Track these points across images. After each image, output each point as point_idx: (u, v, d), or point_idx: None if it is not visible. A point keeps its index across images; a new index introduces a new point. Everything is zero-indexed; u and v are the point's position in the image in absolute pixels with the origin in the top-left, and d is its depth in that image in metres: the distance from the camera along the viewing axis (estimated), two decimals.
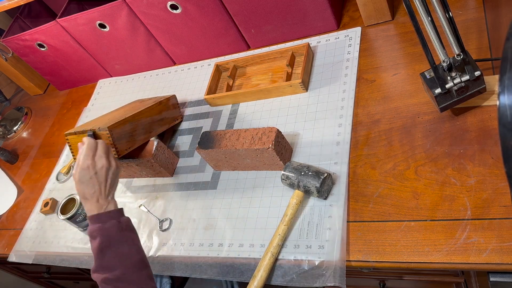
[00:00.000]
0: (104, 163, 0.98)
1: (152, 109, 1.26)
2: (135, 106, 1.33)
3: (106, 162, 0.99)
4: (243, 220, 1.09)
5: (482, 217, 0.85)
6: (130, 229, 0.96)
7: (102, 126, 1.11)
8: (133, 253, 0.93)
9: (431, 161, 0.96)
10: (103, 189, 0.97)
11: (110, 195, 0.98)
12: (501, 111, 0.54)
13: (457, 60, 0.91)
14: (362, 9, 1.24)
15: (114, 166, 1.01)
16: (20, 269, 1.79)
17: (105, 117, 1.27)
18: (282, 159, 1.08)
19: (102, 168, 0.98)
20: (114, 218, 0.95)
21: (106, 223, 0.94)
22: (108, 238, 0.92)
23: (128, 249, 0.93)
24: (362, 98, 1.14)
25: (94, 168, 0.97)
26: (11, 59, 1.78)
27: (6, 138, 1.84)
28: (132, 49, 1.56)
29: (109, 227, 0.93)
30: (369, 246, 0.92)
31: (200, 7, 1.32)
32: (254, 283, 0.96)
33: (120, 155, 1.14)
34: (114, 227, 0.94)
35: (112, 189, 0.99)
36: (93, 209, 0.96)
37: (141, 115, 1.22)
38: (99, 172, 0.97)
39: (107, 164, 0.99)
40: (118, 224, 0.95)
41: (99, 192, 0.96)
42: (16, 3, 1.42)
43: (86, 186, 0.96)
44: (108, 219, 0.94)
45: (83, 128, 1.17)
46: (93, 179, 0.96)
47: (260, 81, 1.34)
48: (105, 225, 0.93)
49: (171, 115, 1.33)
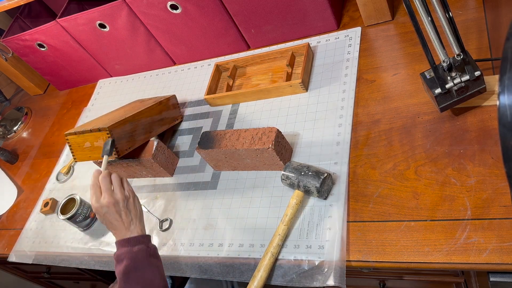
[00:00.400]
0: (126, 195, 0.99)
1: (152, 109, 1.26)
2: (135, 106, 1.33)
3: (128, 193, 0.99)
4: (243, 220, 1.09)
5: (482, 217, 0.85)
6: (156, 257, 0.97)
7: (102, 126, 1.11)
8: (157, 280, 0.93)
9: (431, 161, 0.96)
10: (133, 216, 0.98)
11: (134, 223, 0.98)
12: (501, 111, 0.54)
13: (457, 60, 0.91)
14: (362, 9, 1.24)
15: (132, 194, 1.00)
16: (20, 269, 1.79)
17: (105, 117, 1.27)
18: (282, 159, 1.08)
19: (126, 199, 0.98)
20: (143, 243, 0.96)
21: (135, 247, 0.94)
22: (135, 262, 0.93)
23: (153, 276, 0.93)
24: (362, 98, 1.14)
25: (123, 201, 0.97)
26: (11, 59, 1.78)
27: (6, 138, 1.84)
28: (132, 49, 1.56)
29: (137, 251, 0.94)
30: (369, 246, 0.92)
31: (200, 7, 1.32)
32: (254, 283, 0.96)
33: (120, 155, 1.14)
34: (143, 252, 0.94)
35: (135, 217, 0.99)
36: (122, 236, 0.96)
37: (141, 115, 1.22)
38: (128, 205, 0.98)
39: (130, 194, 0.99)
40: (146, 249, 0.95)
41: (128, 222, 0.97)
42: (16, 3, 1.42)
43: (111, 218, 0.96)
44: (136, 243, 0.95)
45: (83, 128, 1.17)
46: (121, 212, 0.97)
47: (260, 81, 1.34)
48: (134, 248, 0.94)
49: (171, 115, 1.33)
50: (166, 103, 1.31)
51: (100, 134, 1.12)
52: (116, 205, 0.97)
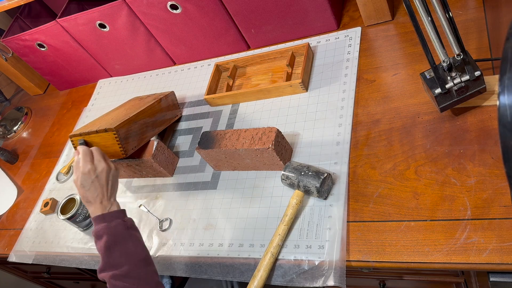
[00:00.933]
0: (104, 166, 1.01)
1: (153, 106, 1.26)
2: (135, 104, 1.33)
3: (106, 165, 1.01)
4: (243, 220, 1.09)
5: (482, 217, 0.85)
6: (134, 228, 0.99)
7: (108, 127, 1.12)
8: (139, 250, 0.95)
9: (431, 161, 0.96)
10: (105, 191, 0.99)
11: (113, 196, 1.00)
12: (501, 111, 0.54)
13: (457, 60, 0.91)
14: (362, 9, 1.24)
15: (113, 168, 1.03)
16: (20, 269, 1.79)
17: (107, 117, 1.27)
18: (282, 159, 1.08)
19: (102, 171, 1.00)
20: (119, 218, 0.97)
21: (112, 222, 0.96)
22: (115, 236, 0.94)
23: (134, 247, 0.95)
24: (362, 98, 1.14)
25: (95, 172, 0.99)
26: (11, 59, 1.78)
27: (6, 138, 1.84)
28: (132, 49, 1.56)
29: (115, 225, 0.96)
30: (369, 246, 0.92)
31: (200, 7, 1.32)
32: (254, 283, 0.96)
33: (127, 154, 1.15)
34: (120, 226, 0.96)
35: (113, 190, 1.01)
36: (97, 211, 0.98)
37: (144, 114, 1.22)
38: (100, 175, 0.99)
39: (107, 167, 1.01)
40: (123, 223, 0.97)
41: (102, 195, 0.98)
42: (16, 3, 1.42)
43: (89, 190, 0.98)
44: (113, 219, 0.97)
45: (88, 129, 1.17)
46: (95, 183, 0.98)
47: (260, 81, 1.34)
48: (111, 224, 0.96)
49: (171, 112, 1.33)
50: (166, 100, 1.31)
51: (107, 135, 1.12)
52: (108, 173, 1.00)
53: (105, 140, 1.14)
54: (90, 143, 1.15)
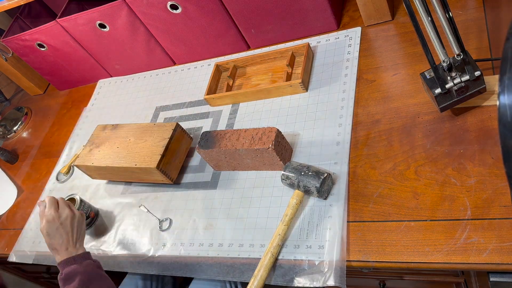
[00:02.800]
0: (67, 213, 1.04)
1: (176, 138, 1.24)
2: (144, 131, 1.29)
3: (70, 212, 1.04)
4: (243, 220, 1.09)
5: (482, 217, 0.85)
6: (102, 269, 1.02)
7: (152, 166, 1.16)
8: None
9: (431, 161, 0.96)
10: (70, 237, 1.02)
11: (78, 242, 1.03)
12: (501, 111, 0.54)
13: (457, 60, 0.91)
14: (362, 9, 1.24)
15: (77, 214, 1.06)
16: (20, 269, 1.79)
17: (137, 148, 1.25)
18: (282, 159, 1.08)
19: (66, 218, 1.03)
20: (89, 259, 1.00)
21: (83, 263, 0.98)
22: (88, 276, 0.96)
23: (109, 284, 0.98)
24: (362, 98, 1.14)
25: (59, 219, 1.02)
26: (11, 59, 1.78)
27: (6, 138, 1.84)
28: (132, 49, 1.56)
29: (86, 265, 0.98)
30: (369, 246, 0.92)
31: (200, 7, 1.32)
32: (254, 283, 0.96)
33: (174, 179, 1.23)
34: (91, 265, 0.98)
35: (79, 236, 1.04)
36: (64, 257, 0.99)
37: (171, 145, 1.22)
38: (64, 222, 1.02)
39: (71, 213, 1.04)
40: (93, 263, 1.00)
41: (67, 241, 1.01)
42: (16, 3, 1.42)
43: (54, 237, 1.01)
44: (83, 260, 0.99)
45: None
46: (60, 229, 1.01)
47: (260, 81, 1.34)
48: (82, 265, 0.97)
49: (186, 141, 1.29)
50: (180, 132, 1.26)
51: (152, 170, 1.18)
52: (73, 220, 1.03)
53: None
54: None
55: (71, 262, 0.98)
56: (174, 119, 1.41)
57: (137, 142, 1.25)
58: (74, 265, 0.97)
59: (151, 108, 1.51)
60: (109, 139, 1.31)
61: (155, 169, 1.16)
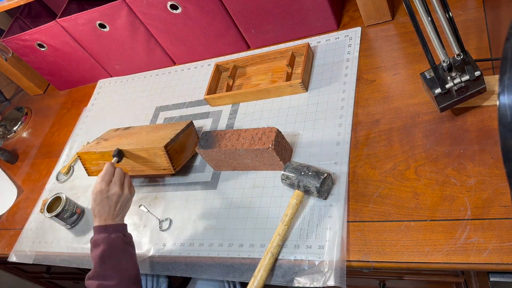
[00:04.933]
0: (116, 190, 1.04)
1: (188, 133, 1.25)
2: (156, 127, 1.31)
3: (119, 190, 1.05)
4: (243, 220, 1.09)
5: (482, 217, 0.85)
6: (132, 245, 1.03)
7: (159, 145, 1.15)
8: (131, 267, 0.99)
9: (431, 161, 0.96)
10: (112, 211, 1.03)
11: (118, 217, 1.04)
12: (501, 111, 0.54)
13: (457, 60, 0.91)
14: (362, 9, 1.24)
15: (126, 193, 1.06)
16: (20, 269, 1.79)
17: (125, 139, 1.26)
18: (282, 159, 1.08)
19: (113, 194, 1.04)
20: (120, 232, 1.02)
21: (112, 234, 1.00)
22: (111, 248, 0.98)
23: (127, 263, 0.99)
24: (362, 98, 1.14)
25: (106, 193, 1.03)
26: (11, 59, 1.78)
27: (6, 138, 1.84)
28: (132, 49, 1.56)
29: (115, 238, 1.00)
30: (369, 246, 0.92)
31: (200, 7, 1.32)
32: (254, 283, 0.96)
33: (176, 170, 1.19)
34: (119, 239, 1.00)
35: (120, 212, 1.05)
36: (99, 223, 1.02)
37: (181, 137, 1.22)
38: (110, 197, 1.03)
39: (119, 191, 1.05)
40: (123, 237, 1.01)
41: (107, 214, 1.03)
42: (16, 3, 1.42)
43: (98, 205, 1.03)
44: (114, 231, 1.01)
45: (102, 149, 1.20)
46: (104, 202, 1.03)
47: (260, 81, 1.34)
48: (111, 235, 1.00)
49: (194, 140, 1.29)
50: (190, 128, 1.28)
51: (156, 152, 1.17)
52: (119, 197, 1.04)
53: None
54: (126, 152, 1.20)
55: (102, 230, 1.00)
56: (174, 119, 1.42)
57: (149, 134, 1.26)
58: (103, 234, 1.00)
59: (151, 108, 1.51)
60: (121, 135, 1.32)
61: (162, 150, 1.15)
